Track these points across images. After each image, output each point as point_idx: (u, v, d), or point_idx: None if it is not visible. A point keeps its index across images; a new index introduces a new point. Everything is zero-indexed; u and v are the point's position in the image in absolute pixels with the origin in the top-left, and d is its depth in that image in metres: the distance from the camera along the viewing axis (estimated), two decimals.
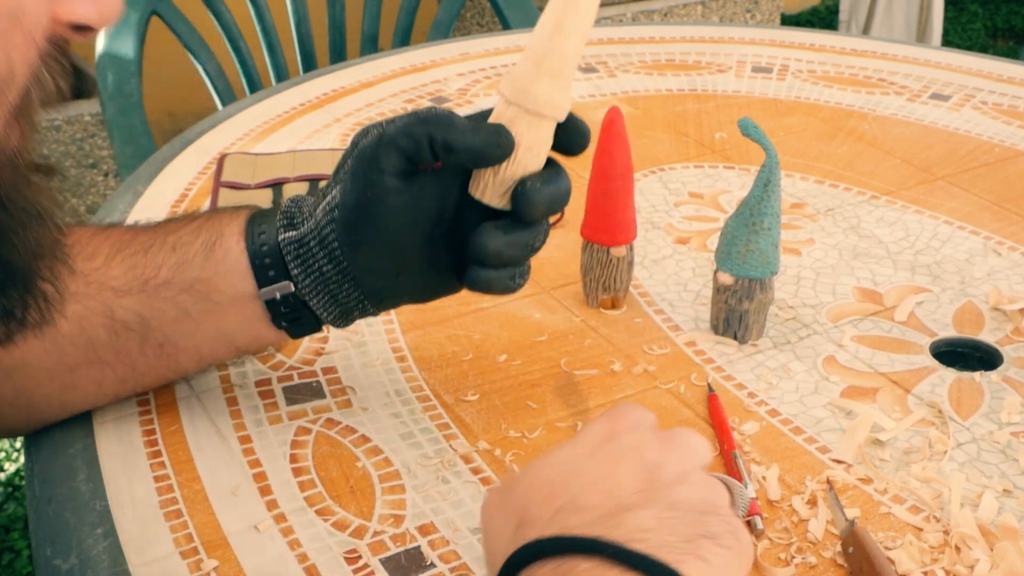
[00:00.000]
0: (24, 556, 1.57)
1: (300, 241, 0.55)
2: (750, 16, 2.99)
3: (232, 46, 1.49)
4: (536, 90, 0.52)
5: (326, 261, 0.55)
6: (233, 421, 0.61)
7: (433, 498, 0.56)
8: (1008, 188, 0.93)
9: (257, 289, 0.56)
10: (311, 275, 0.55)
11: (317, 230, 0.55)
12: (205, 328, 0.57)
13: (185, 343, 0.58)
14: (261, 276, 0.56)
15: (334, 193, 0.54)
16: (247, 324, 0.57)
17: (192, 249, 0.56)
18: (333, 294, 0.56)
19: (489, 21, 2.88)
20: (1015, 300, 0.76)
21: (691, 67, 1.22)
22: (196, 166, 0.94)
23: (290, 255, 0.55)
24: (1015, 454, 0.61)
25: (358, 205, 0.53)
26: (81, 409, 0.60)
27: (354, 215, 0.53)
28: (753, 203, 0.67)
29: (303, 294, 0.56)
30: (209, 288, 0.56)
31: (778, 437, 0.62)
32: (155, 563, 0.51)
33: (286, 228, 0.56)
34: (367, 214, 0.53)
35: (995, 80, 1.18)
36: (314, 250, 0.55)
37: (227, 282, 0.56)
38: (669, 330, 0.72)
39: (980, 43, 3.73)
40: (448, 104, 1.10)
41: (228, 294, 0.56)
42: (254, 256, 0.56)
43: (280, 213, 0.57)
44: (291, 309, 0.56)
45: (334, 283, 0.55)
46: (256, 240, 0.56)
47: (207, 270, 0.56)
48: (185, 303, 0.56)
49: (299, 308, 0.56)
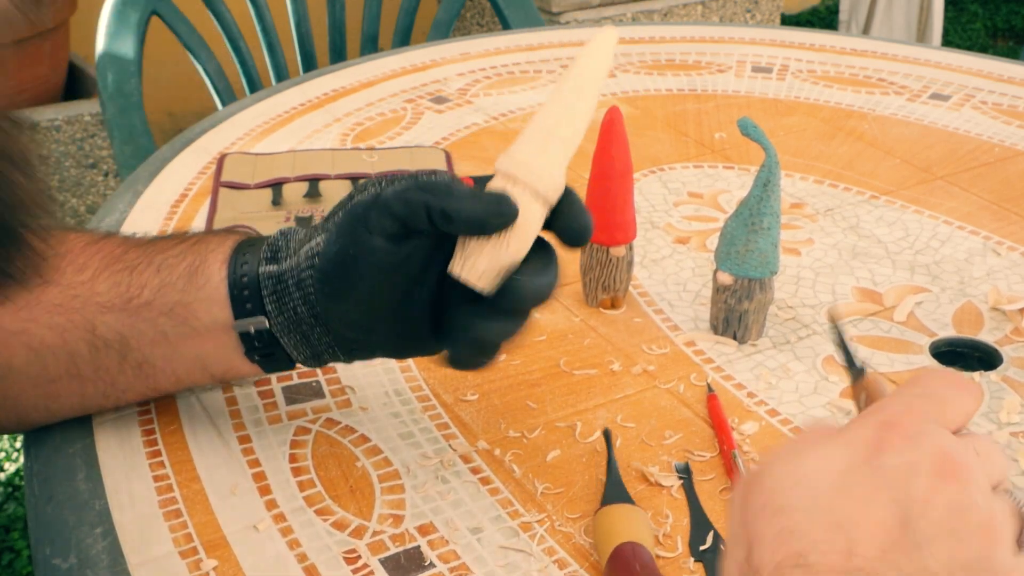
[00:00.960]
0: (24, 556, 1.57)
1: (279, 277, 0.54)
2: (750, 16, 2.98)
3: (232, 46, 1.49)
4: (533, 164, 0.50)
5: (301, 303, 0.53)
6: (232, 421, 0.61)
7: (432, 498, 0.56)
8: (1008, 188, 0.93)
9: (233, 319, 0.55)
10: (285, 313, 0.54)
11: (296, 271, 0.53)
12: (182, 352, 0.56)
13: (163, 365, 0.57)
14: (238, 307, 0.55)
15: (319, 240, 0.53)
16: (222, 353, 0.56)
17: (176, 272, 0.55)
18: (305, 335, 0.55)
19: (489, 21, 2.88)
20: (1014, 300, 0.76)
21: (691, 67, 1.22)
22: (196, 166, 0.94)
23: (267, 290, 0.54)
24: (1015, 454, 0.61)
25: (340, 259, 0.51)
26: (68, 416, 0.60)
27: (334, 267, 0.52)
28: (753, 203, 0.67)
29: (276, 331, 0.55)
30: (187, 313, 0.55)
31: (778, 437, 0.62)
32: (154, 562, 0.51)
33: (268, 261, 0.54)
34: (347, 269, 0.51)
35: (995, 80, 1.18)
36: (291, 289, 0.53)
37: (205, 309, 0.55)
38: (668, 330, 0.72)
39: (980, 43, 3.73)
40: (448, 104, 1.10)
41: (205, 321, 0.55)
42: (233, 286, 0.54)
43: (267, 244, 0.55)
44: (264, 344, 0.55)
45: (307, 325, 0.54)
46: (238, 270, 0.55)
47: (187, 294, 0.55)
48: (164, 326, 0.55)
49: (272, 344, 0.55)
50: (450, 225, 0.49)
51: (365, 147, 0.99)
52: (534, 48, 1.27)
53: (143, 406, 0.62)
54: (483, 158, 0.98)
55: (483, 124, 1.06)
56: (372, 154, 0.95)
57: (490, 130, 1.04)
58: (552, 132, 0.51)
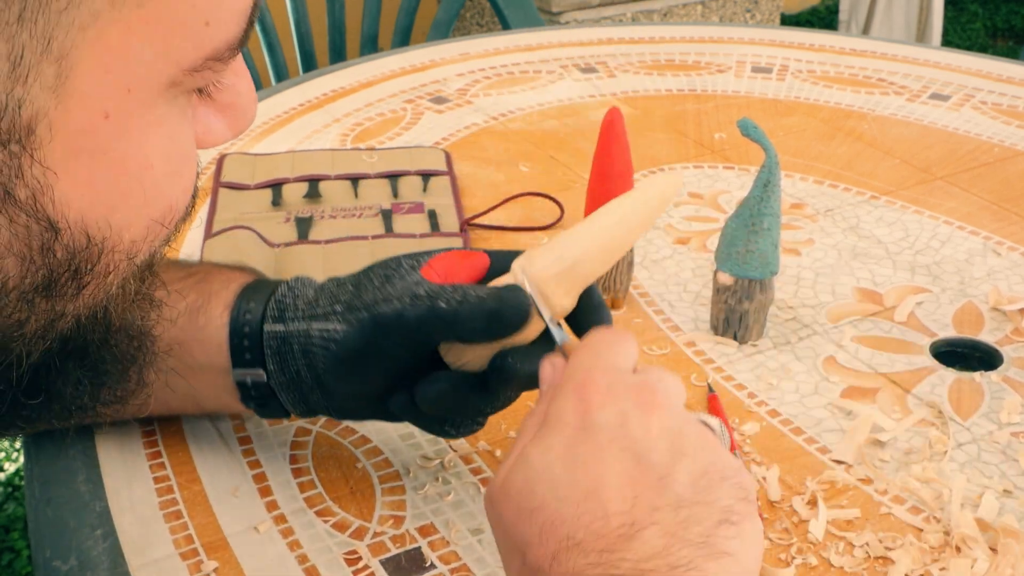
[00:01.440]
0: (24, 556, 1.57)
1: (284, 338, 0.53)
2: (750, 16, 2.99)
3: None
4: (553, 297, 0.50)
5: (305, 367, 0.53)
6: (233, 422, 0.61)
7: (433, 499, 0.56)
8: (1008, 188, 0.93)
9: (231, 366, 0.55)
10: (287, 373, 0.54)
11: (304, 338, 0.53)
12: (175, 386, 0.56)
13: (158, 395, 0.56)
14: (237, 356, 0.54)
15: (337, 328, 0.52)
16: (216, 393, 0.56)
17: (176, 310, 0.55)
18: (304, 395, 0.54)
19: (489, 21, 2.88)
20: (1015, 300, 0.76)
21: (691, 67, 1.22)
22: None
23: (271, 349, 0.54)
24: (1015, 454, 0.61)
25: (357, 355, 0.51)
26: (62, 426, 0.60)
27: (350, 360, 0.52)
28: (753, 203, 0.67)
29: (274, 385, 0.54)
30: (184, 351, 0.55)
31: (778, 437, 0.62)
32: (155, 564, 0.51)
33: (275, 320, 0.54)
34: (362, 364, 0.52)
35: (995, 80, 1.18)
36: (296, 354, 0.53)
37: (202, 350, 0.55)
38: (669, 330, 0.72)
39: (980, 43, 3.73)
40: (448, 104, 1.10)
41: (200, 360, 0.55)
42: (234, 334, 0.54)
43: (273, 300, 0.54)
44: (260, 395, 0.55)
45: (307, 387, 0.54)
46: (240, 317, 0.54)
47: (186, 332, 0.55)
48: (164, 363, 0.55)
49: (269, 396, 0.55)
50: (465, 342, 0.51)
51: (365, 147, 0.99)
52: (534, 48, 1.27)
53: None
54: (483, 158, 0.98)
55: (483, 124, 1.06)
56: (372, 154, 0.95)
57: (490, 130, 1.04)
58: (577, 261, 0.49)
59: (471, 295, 0.49)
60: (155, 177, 0.34)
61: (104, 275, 0.34)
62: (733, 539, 0.39)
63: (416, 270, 0.52)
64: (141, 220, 0.35)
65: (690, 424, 0.42)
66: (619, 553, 0.38)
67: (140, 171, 0.33)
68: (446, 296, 0.49)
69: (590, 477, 0.40)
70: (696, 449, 0.41)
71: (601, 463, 0.40)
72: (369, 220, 0.85)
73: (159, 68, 0.32)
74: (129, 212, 0.34)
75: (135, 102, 0.32)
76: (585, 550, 0.39)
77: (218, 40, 0.33)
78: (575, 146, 1.01)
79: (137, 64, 0.31)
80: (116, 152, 0.32)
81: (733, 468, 0.41)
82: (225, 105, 0.38)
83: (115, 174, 0.33)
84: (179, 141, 0.35)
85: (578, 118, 1.08)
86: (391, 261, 0.53)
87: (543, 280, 0.49)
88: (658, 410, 0.42)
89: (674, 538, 0.39)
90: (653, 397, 0.42)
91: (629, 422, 0.41)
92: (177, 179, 0.36)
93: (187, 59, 0.33)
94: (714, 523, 0.39)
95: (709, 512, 0.39)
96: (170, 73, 0.32)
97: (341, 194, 0.88)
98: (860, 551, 0.53)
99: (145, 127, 0.33)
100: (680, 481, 0.40)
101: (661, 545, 0.38)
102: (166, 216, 0.36)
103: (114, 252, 0.34)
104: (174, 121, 0.34)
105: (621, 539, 0.39)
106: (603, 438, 0.41)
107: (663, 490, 0.40)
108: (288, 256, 0.78)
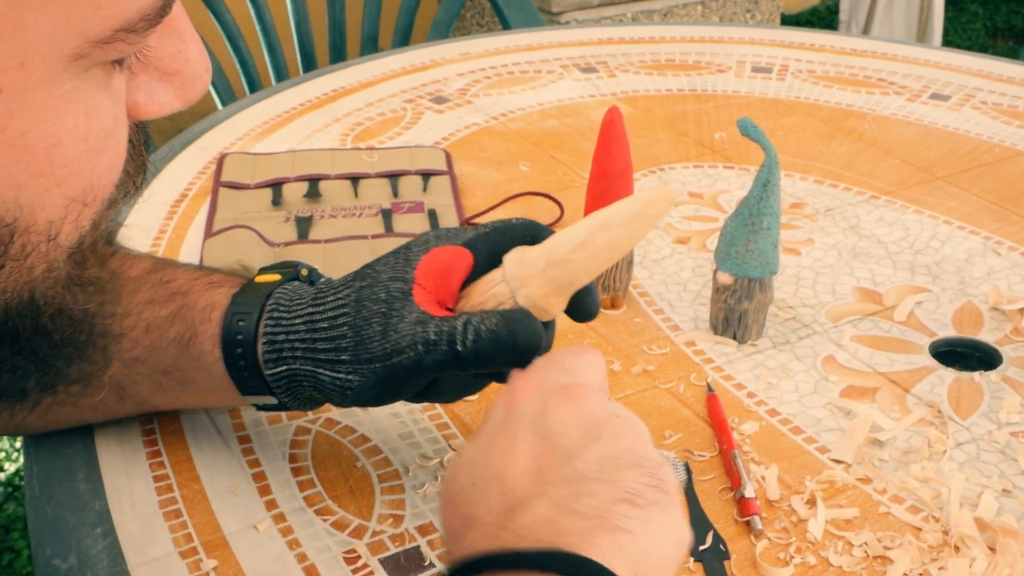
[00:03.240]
0: (24, 556, 1.57)
1: (290, 378, 0.53)
2: (750, 16, 2.99)
3: (232, 46, 1.49)
4: (542, 303, 0.50)
5: (319, 394, 0.53)
6: (232, 421, 0.61)
7: (432, 498, 0.56)
8: (1008, 188, 0.93)
9: (240, 392, 0.54)
10: (299, 398, 0.54)
11: (315, 380, 0.52)
12: (183, 400, 0.58)
13: (163, 406, 0.59)
14: (243, 386, 0.54)
15: (350, 379, 0.51)
16: (226, 400, 0.57)
17: (166, 338, 0.55)
18: (315, 402, 0.55)
19: (489, 21, 2.88)
20: (1014, 300, 0.76)
21: (691, 67, 1.22)
22: (196, 166, 0.94)
23: (279, 388, 0.53)
24: (1014, 454, 0.61)
25: (375, 398, 0.52)
26: (65, 427, 0.60)
27: (367, 400, 0.52)
28: (752, 203, 0.67)
29: (286, 404, 0.55)
30: (185, 377, 0.55)
31: (777, 437, 0.62)
32: (154, 563, 0.51)
33: (274, 363, 0.52)
34: (381, 399, 0.52)
35: (995, 80, 1.18)
36: (305, 386, 0.53)
37: (204, 377, 0.55)
38: (668, 330, 0.72)
39: (980, 43, 3.73)
40: (448, 104, 1.10)
41: (204, 385, 0.55)
42: (231, 367, 0.53)
43: (264, 339, 0.53)
44: (271, 406, 0.56)
45: (318, 401, 0.55)
46: (235, 362, 0.53)
47: (181, 361, 0.55)
48: (161, 381, 0.56)
49: (279, 407, 0.55)
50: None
51: (365, 147, 0.99)
52: (534, 48, 1.27)
53: None
54: (483, 158, 0.98)
55: (483, 124, 1.06)
56: (372, 154, 0.95)
57: (490, 130, 1.04)
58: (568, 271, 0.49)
59: (483, 329, 0.48)
60: (66, 155, 0.32)
61: (21, 257, 0.33)
62: (633, 519, 0.39)
63: (410, 298, 0.50)
64: (56, 200, 0.33)
65: (613, 419, 0.43)
66: (507, 526, 0.39)
67: (47, 149, 0.31)
68: (459, 337, 0.49)
69: (499, 460, 0.42)
70: (613, 437, 0.42)
71: (511, 446, 0.42)
72: (369, 220, 0.85)
73: (59, 40, 0.30)
74: (39, 192, 0.32)
75: (32, 77, 0.30)
76: (477, 526, 0.40)
77: (129, 10, 0.31)
78: (575, 146, 1.01)
79: (32, 36, 0.29)
80: (13, 130, 0.30)
81: (652, 461, 0.42)
82: (171, 72, 0.36)
83: (15, 153, 0.31)
84: (97, 117, 0.33)
85: (578, 118, 1.08)
86: (379, 291, 0.51)
87: (534, 291, 0.50)
88: (578, 401, 0.43)
89: (562, 510, 0.39)
90: (576, 391, 0.43)
91: (547, 410, 0.43)
92: (97, 157, 0.33)
93: (92, 31, 0.30)
94: (612, 500, 0.39)
95: (609, 489, 0.40)
96: (73, 44, 0.30)
97: (341, 194, 0.89)
98: (859, 550, 0.53)
99: (48, 102, 0.31)
100: (585, 460, 0.41)
101: (547, 515, 0.39)
102: (87, 195, 0.34)
103: (29, 233, 0.32)
104: (88, 95, 0.32)
105: (510, 512, 0.40)
106: (520, 425, 0.42)
107: (563, 466, 0.41)
108: (288, 255, 0.79)
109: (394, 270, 0.52)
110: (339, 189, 0.89)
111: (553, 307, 0.50)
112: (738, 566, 0.53)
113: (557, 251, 0.49)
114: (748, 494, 0.56)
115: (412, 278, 0.51)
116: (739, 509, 0.56)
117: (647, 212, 0.49)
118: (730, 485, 0.57)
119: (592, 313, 0.53)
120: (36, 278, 0.34)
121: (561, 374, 0.45)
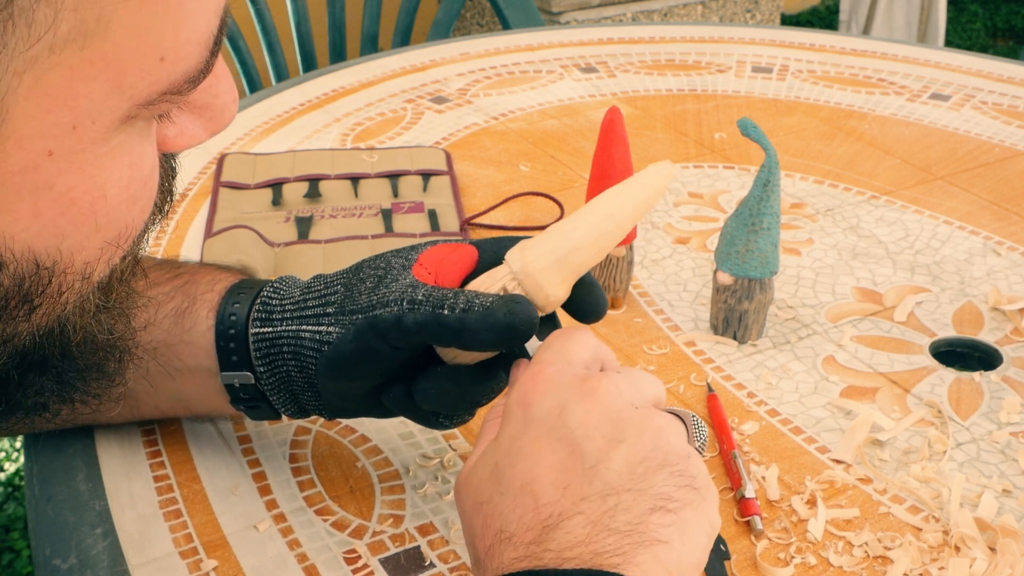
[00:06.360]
0: (24, 556, 1.57)
1: (272, 340, 0.52)
2: (750, 16, 2.99)
3: (232, 46, 1.49)
4: (539, 277, 0.49)
5: (295, 369, 0.52)
6: (232, 421, 0.61)
7: (432, 498, 0.56)
8: (1007, 188, 0.93)
9: (219, 369, 0.54)
10: (276, 374, 0.53)
11: (294, 339, 0.52)
12: (163, 391, 0.56)
13: (145, 399, 0.57)
14: (224, 358, 0.54)
15: (330, 331, 0.51)
16: (205, 396, 0.56)
17: (163, 311, 0.54)
18: (295, 394, 0.54)
19: (489, 21, 2.88)
20: (1014, 300, 0.76)
21: (691, 67, 1.22)
22: (196, 166, 0.94)
23: (259, 352, 0.53)
24: (1014, 454, 0.61)
25: (352, 357, 0.50)
26: (57, 428, 0.60)
27: (344, 362, 0.51)
28: (753, 203, 0.67)
29: (264, 387, 0.54)
30: (171, 354, 0.54)
31: (778, 437, 0.62)
32: (154, 563, 0.51)
33: (262, 322, 0.52)
34: (356, 365, 0.51)
35: (995, 80, 1.18)
36: (285, 355, 0.52)
37: (189, 353, 0.54)
38: (669, 330, 0.72)
39: (980, 43, 3.73)
40: (448, 104, 1.10)
41: (188, 364, 0.54)
42: (220, 336, 0.53)
43: (259, 301, 0.53)
44: (250, 397, 0.55)
45: (298, 387, 0.53)
46: (226, 320, 0.53)
47: (172, 335, 0.54)
48: (146, 363, 0.54)
49: (259, 398, 0.54)
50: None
51: (365, 147, 0.99)
52: (534, 48, 1.27)
53: None
54: (483, 158, 0.98)
55: (483, 124, 1.06)
56: (372, 154, 0.95)
57: (490, 130, 1.04)
58: (570, 251, 0.49)
59: (476, 303, 0.48)
60: (109, 205, 0.33)
61: (56, 296, 0.34)
62: (668, 527, 0.39)
63: (408, 270, 0.50)
64: (94, 244, 0.34)
65: (632, 412, 0.42)
66: (544, 544, 0.39)
67: (92, 202, 0.33)
68: (448, 303, 0.48)
69: (526, 470, 0.41)
70: (636, 436, 0.41)
71: (537, 454, 0.41)
72: (369, 220, 0.85)
73: (110, 105, 0.31)
74: (80, 238, 0.33)
75: (83, 139, 0.31)
76: (515, 543, 0.40)
77: (175, 74, 0.32)
78: (575, 146, 1.01)
79: (83, 103, 0.30)
80: (62, 186, 0.32)
81: (678, 455, 0.41)
82: (201, 107, 0.37)
83: (62, 207, 0.32)
84: (139, 167, 0.34)
85: (578, 118, 1.08)
86: (380, 260, 0.52)
87: (537, 271, 0.49)
88: (598, 398, 0.42)
89: (598, 527, 0.39)
90: (595, 387, 0.43)
91: (567, 412, 0.42)
92: (134, 203, 0.35)
93: (141, 95, 0.32)
94: (645, 510, 0.39)
95: (640, 499, 0.40)
96: (124, 108, 0.32)
97: (341, 194, 0.89)
98: (859, 550, 0.53)
99: (97, 160, 0.32)
100: (613, 469, 0.41)
101: (584, 534, 0.39)
102: (121, 237, 0.35)
103: (66, 274, 0.34)
104: (132, 147, 0.34)
105: (547, 530, 0.39)
106: (541, 429, 0.42)
107: (593, 478, 0.40)
108: (288, 256, 0.79)
109: (398, 253, 0.52)
110: (339, 189, 0.89)
111: (557, 288, 0.49)
112: (738, 566, 0.53)
113: (562, 242, 0.49)
114: (748, 494, 0.56)
115: (415, 259, 0.51)
116: (739, 509, 0.56)
117: (648, 181, 0.49)
118: (730, 485, 0.57)
119: (599, 310, 0.52)
120: (68, 311, 0.36)
121: (566, 364, 0.45)
